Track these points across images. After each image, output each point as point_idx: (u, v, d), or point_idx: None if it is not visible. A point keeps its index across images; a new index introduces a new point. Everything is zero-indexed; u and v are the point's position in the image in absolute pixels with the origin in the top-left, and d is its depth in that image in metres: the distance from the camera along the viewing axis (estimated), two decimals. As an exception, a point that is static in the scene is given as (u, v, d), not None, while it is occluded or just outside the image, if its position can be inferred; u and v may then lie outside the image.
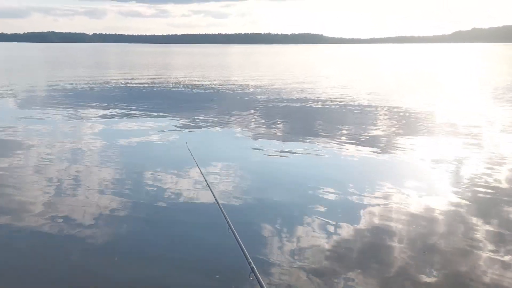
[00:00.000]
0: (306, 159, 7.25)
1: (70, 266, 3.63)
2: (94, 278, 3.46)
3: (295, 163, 7.06)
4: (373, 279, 3.36)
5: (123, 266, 3.66)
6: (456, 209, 4.77)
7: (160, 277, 3.47)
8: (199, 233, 4.31)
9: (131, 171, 6.35)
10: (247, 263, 2.62)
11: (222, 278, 3.43)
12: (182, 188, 5.57)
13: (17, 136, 8.79)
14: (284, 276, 3.38)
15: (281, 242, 3.98)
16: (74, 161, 6.81)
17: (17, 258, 3.79)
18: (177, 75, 27.46)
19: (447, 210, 4.75)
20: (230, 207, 4.72)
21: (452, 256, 3.73)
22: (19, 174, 6.09)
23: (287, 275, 3.39)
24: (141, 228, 4.42)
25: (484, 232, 4.16)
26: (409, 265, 3.56)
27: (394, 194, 5.27)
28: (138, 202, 5.08)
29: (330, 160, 7.18)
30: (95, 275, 3.51)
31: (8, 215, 4.62)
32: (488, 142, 8.15)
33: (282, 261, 3.61)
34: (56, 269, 3.62)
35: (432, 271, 3.45)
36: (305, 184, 5.80)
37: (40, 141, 8.23)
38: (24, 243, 4.04)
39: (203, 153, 7.09)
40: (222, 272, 3.53)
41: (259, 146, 8.09)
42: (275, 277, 3.36)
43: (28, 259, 3.77)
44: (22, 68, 33.77)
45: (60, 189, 5.48)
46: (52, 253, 3.86)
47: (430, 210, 4.72)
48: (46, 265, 3.68)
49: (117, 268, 3.63)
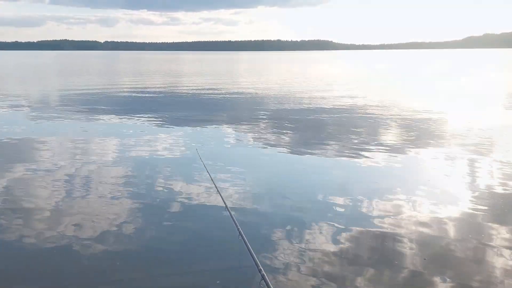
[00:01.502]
0: (316, 166, 7.25)
1: (80, 270, 3.68)
2: (102, 282, 3.51)
3: (304, 169, 7.06)
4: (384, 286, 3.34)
5: (130, 271, 3.69)
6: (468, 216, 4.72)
7: (169, 283, 3.49)
8: (209, 239, 4.34)
9: (141, 177, 6.42)
10: (257, 270, 2.63)
11: (232, 285, 3.44)
12: (192, 194, 5.60)
13: (36, 143, 8.96)
14: (294, 282, 3.38)
15: (291, 249, 3.97)
16: (85, 167, 6.91)
17: (25, 262, 3.87)
18: (188, 81, 27.74)
19: (457, 217, 4.70)
20: (240, 213, 4.74)
21: (461, 264, 3.69)
22: (38, 180, 6.22)
23: (296, 282, 3.38)
24: (150, 233, 4.45)
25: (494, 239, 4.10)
26: (418, 272, 3.53)
27: (403, 202, 5.24)
28: (148, 208, 5.12)
29: (341, 167, 7.16)
30: (103, 277, 3.56)
31: (27, 219, 4.72)
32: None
33: (292, 267, 3.61)
34: (66, 272, 3.68)
35: (438, 279, 3.41)
36: (314, 190, 5.79)
37: (56, 146, 8.42)
38: (36, 246, 4.11)
39: (213, 160, 7.14)
40: (232, 278, 3.54)
41: (269, 152, 8.11)
42: (285, 284, 3.35)
43: (39, 263, 3.84)
44: (36, 76, 34.50)
45: (71, 194, 5.57)
46: (61, 256, 3.92)
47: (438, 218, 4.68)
48: (55, 267, 3.75)
49: (124, 273, 3.66)
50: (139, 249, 4.10)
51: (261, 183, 6.17)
